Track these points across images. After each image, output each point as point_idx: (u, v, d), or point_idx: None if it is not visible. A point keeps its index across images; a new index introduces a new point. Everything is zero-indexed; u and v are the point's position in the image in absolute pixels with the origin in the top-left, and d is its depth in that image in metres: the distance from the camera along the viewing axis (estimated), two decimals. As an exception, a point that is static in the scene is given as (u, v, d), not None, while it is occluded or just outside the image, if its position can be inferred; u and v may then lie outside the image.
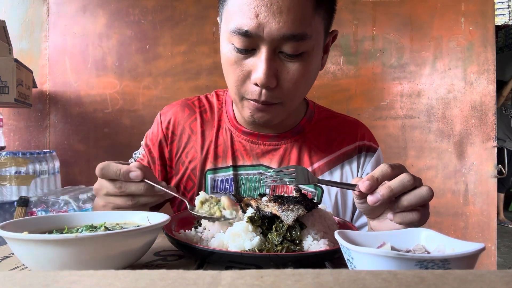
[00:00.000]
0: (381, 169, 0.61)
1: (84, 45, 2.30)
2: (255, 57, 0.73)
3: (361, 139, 0.96)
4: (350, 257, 0.46)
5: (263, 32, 0.69)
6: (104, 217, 0.62)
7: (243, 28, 0.70)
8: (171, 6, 2.31)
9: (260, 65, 0.72)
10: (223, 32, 0.78)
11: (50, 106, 2.29)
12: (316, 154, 0.92)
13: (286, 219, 0.58)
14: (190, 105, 0.98)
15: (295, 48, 0.72)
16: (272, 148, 0.92)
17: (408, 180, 0.60)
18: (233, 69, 0.76)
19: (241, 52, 0.73)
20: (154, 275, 0.30)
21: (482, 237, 2.34)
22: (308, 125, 0.95)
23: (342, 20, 2.32)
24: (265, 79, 0.72)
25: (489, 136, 2.34)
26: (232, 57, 0.75)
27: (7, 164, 1.79)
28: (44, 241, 0.45)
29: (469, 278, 0.29)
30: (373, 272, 0.31)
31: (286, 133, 0.93)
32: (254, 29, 0.69)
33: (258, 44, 0.71)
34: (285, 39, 0.70)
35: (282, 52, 0.73)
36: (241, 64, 0.75)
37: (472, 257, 0.43)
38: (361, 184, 0.61)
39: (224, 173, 0.91)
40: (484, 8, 2.31)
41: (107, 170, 0.67)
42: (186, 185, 0.93)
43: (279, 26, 0.69)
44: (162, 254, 0.62)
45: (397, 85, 2.36)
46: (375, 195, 0.60)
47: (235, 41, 0.72)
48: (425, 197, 0.60)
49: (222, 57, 0.79)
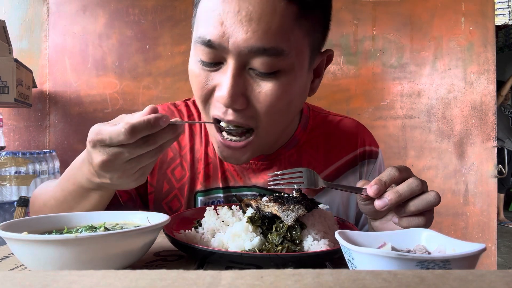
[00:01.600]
0: (388, 173, 0.60)
1: (84, 45, 2.31)
2: (221, 72, 0.64)
3: (361, 145, 0.88)
4: (351, 257, 0.46)
5: (228, 43, 0.59)
6: (104, 217, 0.62)
7: (206, 37, 0.60)
8: (171, 6, 2.31)
9: (225, 82, 0.61)
10: (192, 43, 0.68)
11: (50, 106, 2.29)
12: (315, 168, 0.82)
13: (286, 219, 0.58)
14: (177, 113, 0.87)
15: (267, 65, 0.61)
16: (264, 167, 0.82)
17: (416, 185, 0.58)
18: (198, 82, 0.66)
19: (206, 65, 0.64)
20: (154, 275, 0.30)
21: (482, 237, 2.34)
22: (303, 135, 0.85)
23: (342, 20, 2.32)
24: (228, 98, 0.61)
25: (489, 136, 2.34)
26: (197, 70, 0.66)
27: (7, 164, 1.79)
28: (43, 241, 0.45)
29: (469, 278, 0.29)
30: (373, 272, 0.31)
31: (279, 150, 0.83)
32: (217, 38, 0.59)
33: (224, 57, 0.62)
34: (255, 53, 0.60)
35: (253, 68, 0.62)
36: (206, 78, 0.65)
37: (473, 257, 0.42)
38: (369, 189, 0.59)
39: (214, 194, 0.83)
40: (484, 8, 2.31)
41: (134, 129, 0.50)
42: (171, 205, 0.82)
43: (247, 36, 0.58)
44: (162, 254, 0.62)
45: (397, 85, 2.36)
46: (383, 199, 0.58)
47: (200, 53, 0.63)
48: (432, 203, 0.58)
49: (189, 68, 0.70)
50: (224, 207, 0.70)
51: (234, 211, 0.69)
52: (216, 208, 0.71)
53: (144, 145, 0.53)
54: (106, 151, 0.54)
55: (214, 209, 0.71)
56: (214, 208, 0.72)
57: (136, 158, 0.54)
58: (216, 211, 0.70)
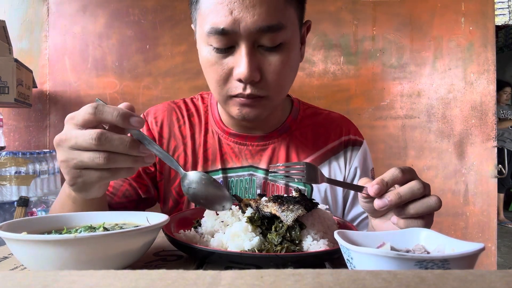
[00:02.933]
0: (391, 173, 0.60)
1: (84, 45, 2.31)
2: (235, 54, 0.73)
3: (346, 134, 0.97)
4: (350, 257, 0.46)
5: (240, 27, 0.69)
6: (103, 218, 0.62)
7: (219, 26, 0.70)
8: (171, 6, 2.31)
9: (242, 61, 0.72)
10: (199, 36, 0.78)
11: (50, 106, 2.29)
12: (304, 152, 0.93)
13: (285, 219, 0.58)
14: (177, 109, 0.96)
15: (273, 39, 0.72)
16: (260, 148, 0.92)
17: (418, 188, 0.58)
18: (213, 70, 0.76)
19: (220, 51, 0.73)
20: (154, 275, 0.30)
21: (482, 237, 2.34)
22: (294, 123, 0.95)
23: (342, 20, 2.32)
24: (248, 73, 0.71)
25: (489, 136, 2.34)
26: (212, 58, 0.75)
27: (7, 164, 1.79)
28: (43, 241, 0.45)
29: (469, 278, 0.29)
30: (373, 272, 0.31)
31: (273, 133, 0.93)
32: (230, 25, 0.69)
33: (236, 40, 0.72)
34: (262, 32, 0.70)
35: (261, 46, 0.73)
36: (221, 64, 0.74)
37: (472, 257, 0.43)
38: (370, 188, 0.59)
39: (214, 176, 0.90)
40: (484, 8, 2.31)
41: (101, 111, 0.53)
42: (178, 190, 0.91)
43: (254, 19, 0.69)
44: (162, 254, 0.62)
45: (397, 85, 2.36)
46: (383, 200, 0.58)
47: (213, 42, 0.72)
48: (433, 207, 0.59)
49: (201, 61, 0.79)
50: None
51: (233, 211, 0.69)
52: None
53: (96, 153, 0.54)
54: (65, 151, 0.56)
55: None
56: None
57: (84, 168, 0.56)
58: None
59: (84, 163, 0.54)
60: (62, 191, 0.70)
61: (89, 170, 0.56)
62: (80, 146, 0.54)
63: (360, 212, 0.94)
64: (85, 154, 0.54)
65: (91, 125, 0.55)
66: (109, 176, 0.57)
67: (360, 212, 0.94)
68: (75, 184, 0.58)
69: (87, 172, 0.56)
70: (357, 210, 0.94)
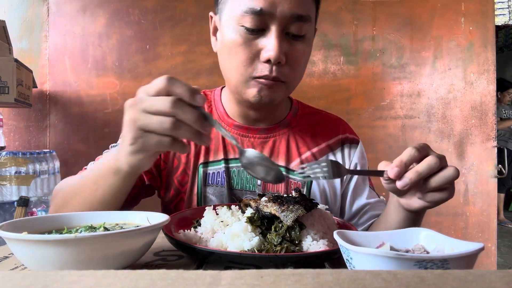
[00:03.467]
0: (408, 153, 0.63)
1: (84, 45, 2.30)
2: (265, 36, 0.79)
3: (343, 133, 1.02)
4: (349, 257, 0.46)
5: (276, 11, 0.76)
6: (104, 217, 0.62)
7: (257, 7, 0.76)
8: (171, 6, 2.31)
9: (272, 42, 0.77)
10: (228, 18, 0.82)
11: (50, 106, 2.29)
12: (303, 146, 0.97)
13: (285, 219, 0.58)
14: None
15: (300, 28, 0.79)
16: (262, 140, 0.96)
17: (435, 162, 0.61)
18: (241, 49, 0.80)
19: (251, 32, 0.78)
20: (154, 275, 0.30)
21: (482, 237, 2.34)
22: (293, 120, 1.00)
23: (342, 20, 2.32)
24: (277, 54, 0.77)
25: (489, 136, 2.34)
26: (241, 38, 0.79)
27: (7, 164, 1.79)
28: (43, 241, 0.45)
29: (469, 278, 0.29)
30: (373, 272, 0.31)
31: (274, 127, 0.97)
32: (268, 7, 0.75)
33: (269, 23, 0.77)
34: (294, 19, 0.77)
35: (288, 33, 0.79)
36: (250, 45, 0.79)
37: (471, 257, 0.43)
38: (390, 171, 0.62)
39: (215, 166, 0.93)
40: (484, 8, 2.31)
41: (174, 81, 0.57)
42: (181, 180, 0.94)
43: (291, 5, 0.76)
44: (162, 254, 0.62)
45: (397, 85, 2.36)
46: (404, 180, 0.62)
47: (246, 22, 0.77)
48: (451, 177, 0.62)
49: (225, 43, 0.82)
50: (224, 207, 0.70)
51: (233, 211, 0.69)
52: (215, 208, 0.72)
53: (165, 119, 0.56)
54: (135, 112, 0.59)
55: (214, 209, 0.71)
56: (213, 208, 0.72)
57: (149, 131, 0.58)
58: (216, 211, 0.70)
59: (151, 124, 0.57)
60: (99, 165, 0.73)
61: (152, 134, 0.58)
62: (154, 108, 0.57)
63: (364, 204, 0.97)
64: (154, 117, 0.57)
65: (162, 94, 0.57)
66: (167, 144, 0.59)
67: (364, 204, 0.97)
68: (135, 143, 0.60)
69: (149, 135, 0.59)
70: (360, 201, 0.97)
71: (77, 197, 0.74)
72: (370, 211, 0.96)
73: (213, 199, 0.92)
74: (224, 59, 0.85)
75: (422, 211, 0.72)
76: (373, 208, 0.96)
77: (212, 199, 0.92)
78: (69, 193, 0.78)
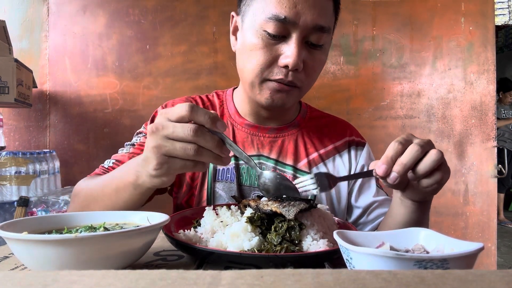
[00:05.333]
0: (392, 148, 0.64)
1: (84, 45, 2.30)
2: (286, 43, 0.81)
3: (349, 135, 1.04)
4: (349, 257, 0.46)
5: (299, 20, 0.79)
6: (104, 217, 0.62)
7: (282, 15, 0.78)
8: (171, 6, 2.30)
9: (293, 50, 0.80)
10: (251, 21, 0.84)
11: (50, 106, 2.29)
12: (311, 147, 1.00)
13: (287, 214, 0.58)
14: (193, 102, 1.03)
15: (319, 38, 0.82)
16: (271, 139, 0.99)
17: (416, 150, 0.62)
18: (261, 53, 0.82)
19: (273, 37, 0.81)
20: (154, 275, 0.30)
21: (482, 237, 2.34)
22: (302, 121, 1.03)
23: (342, 20, 2.31)
24: (296, 61, 0.80)
25: (489, 136, 2.34)
26: (262, 42, 0.82)
27: (7, 164, 1.79)
28: (43, 241, 0.45)
29: (469, 278, 0.29)
30: (373, 272, 0.31)
31: (284, 127, 1.00)
32: (292, 16, 0.78)
33: (291, 31, 0.80)
34: (315, 29, 0.80)
35: (307, 42, 0.83)
36: (270, 49, 0.82)
37: (470, 257, 0.43)
38: (378, 169, 0.64)
39: None
40: (484, 8, 2.31)
41: (197, 109, 0.59)
42: (192, 175, 0.96)
43: (313, 17, 0.79)
44: (162, 254, 0.62)
45: (397, 85, 2.36)
46: (392, 174, 0.63)
47: (269, 27, 0.80)
48: (436, 160, 0.63)
49: (246, 45, 0.86)
50: (223, 207, 0.70)
51: (233, 211, 0.69)
52: (215, 208, 0.72)
53: (188, 145, 0.59)
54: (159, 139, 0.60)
55: (214, 209, 0.71)
56: (213, 208, 0.72)
57: (173, 156, 0.61)
58: (215, 211, 0.70)
59: (176, 151, 0.60)
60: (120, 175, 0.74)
61: (176, 159, 0.61)
62: (176, 136, 0.59)
63: (371, 202, 0.97)
64: (178, 143, 0.59)
65: (183, 121, 0.59)
66: (191, 167, 0.62)
67: (371, 202, 0.97)
68: (160, 169, 0.62)
69: (174, 160, 0.61)
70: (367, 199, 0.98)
71: (98, 202, 0.77)
72: (378, 208, 0.97)
73: (222, 194, 0.94)
74: (243, 59, 0.87)
75: (426, 199, 0.73)
76: (381, 205, 0.97)
77: (222, 195, 0.94)
78: (89, 197, 0.80)
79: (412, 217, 0.76)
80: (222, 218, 0.66)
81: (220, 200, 0.94)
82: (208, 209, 0.71)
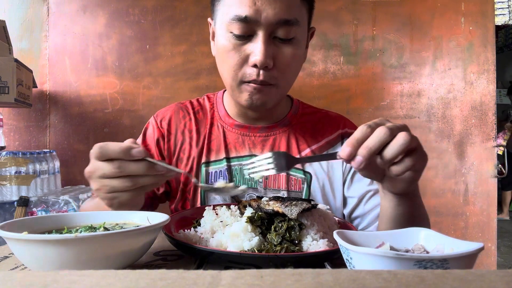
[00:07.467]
0: (360, 131, 0.59)
1: (84, 45, 2.30)
2: (253, 42, 0.81)
3: (343, 128, 1.02)
4: (349, 257, 0.46)
5: (261, 17, 0.78)
6: (104, 217, 0.62)
7: (243, 14, 0.78)
8: (171, 6, 2.30)
9: (259, 48, 0.79)
10: (219, 25, 0.85)
11: (50, 106, 2.29)
12: (303, 144, 0.98)
13: (290, 213, 0.58)
14: (184, 108, 1.04)
15: (287, 32, 0.80)
16: (262, 139, 0.98)
17: (384, 133, 0.57)
18: (231, 55, 0.82)
19: (239, 38, 0.81)
20: (154, 275, 0.30)
21: (482, 237, 2.34)
22: (294, 118, 1.02)
23: (342, 20, 2.32)
24: (263, 59, 0.78)
25: (489, 136, 2.34)
26: (230, 44, 0.82)
27: (7, 164, 1.79)
28: (43, 241, 0.45)
29: (469, 278, 0.29)
30: (373, 272, 0.31)
31: (274, 125, 0.99)
32: (253, 15, 0.77)
33: (255, 29, 0.79)
34: (280, 24, 0.79)
35: (276, 37, 0.81)
36: (239, 50, 0.81)
37: (470, 256, 0.43)
38: (342, 152, 0.58)
39: (217, 165, 0.96)
40: (484, 8, 2.31)
41: (106, 149, 0.61)
42: (184, 180, 0.96)
43: (275, 11, 0.78)
44: (162, 254, 0.62)
45: (397, 85, 2.36)
46: (357, 158, 0.57)
47: (234, 28, 0.80)
48: (403, 144, 0.56)
49: (218, 48, 0.86)
50: (223, 207, 0.70)
51: (233, 211, 0.69)
52: (215, 208, 0.72)
53: (122, 179, 0.62)
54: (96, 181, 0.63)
55: (213, 209, 0.71)
56: (213, 208, 0.72)
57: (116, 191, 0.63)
58: (215, 211, 0.70)
59: (116, 187, 0.62)
60: (98, 200, 0.74)
61: (122, 192, 0.63)
62: (108, 175, 0.61)
63: (366, 190, 0.93)
64: (114, 181, 0.62)
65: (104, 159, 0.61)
66: (139, 193, 0.65)
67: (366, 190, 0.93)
68: (113, 204, 0.65)
69: (120, 194, 0.63)
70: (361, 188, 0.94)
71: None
72: (374, 197, 0.92)
73: (216, 197, 0.94)
74: (219, 63, 0.89)
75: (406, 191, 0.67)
76: (376, 194, 0.92)
77: (216, 197, 0.94)
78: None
79: (398, 211, 0.70)
80: (222, 218, 0.66)
81: (214, 202, 0.93)
82: (208, 209, 0.71)
